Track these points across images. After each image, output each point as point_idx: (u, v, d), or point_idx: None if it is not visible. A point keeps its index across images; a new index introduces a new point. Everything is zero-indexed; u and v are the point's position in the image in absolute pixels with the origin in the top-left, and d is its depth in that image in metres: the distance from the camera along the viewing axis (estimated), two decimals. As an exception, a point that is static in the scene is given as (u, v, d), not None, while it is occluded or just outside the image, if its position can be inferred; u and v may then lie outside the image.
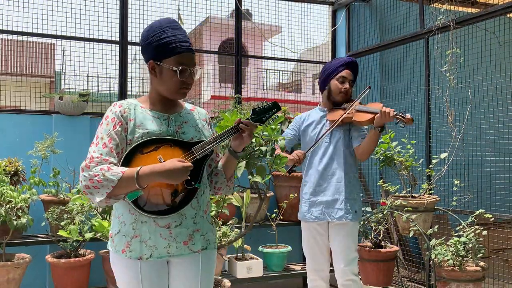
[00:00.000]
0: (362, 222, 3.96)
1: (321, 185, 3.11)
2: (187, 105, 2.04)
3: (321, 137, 3.09)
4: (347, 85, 3.12)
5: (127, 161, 1.77)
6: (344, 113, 3.04)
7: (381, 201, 4.02)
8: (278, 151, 2.89)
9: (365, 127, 3.16)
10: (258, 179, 3.16)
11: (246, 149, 2.85)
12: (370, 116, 2.95)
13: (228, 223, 3.93)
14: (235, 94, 4.83)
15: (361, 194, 4.67)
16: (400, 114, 2.83)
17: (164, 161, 1.75)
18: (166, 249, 1.83)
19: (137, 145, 1.79)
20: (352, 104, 3.07)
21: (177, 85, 1.85)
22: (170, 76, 1.83)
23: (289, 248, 4.35)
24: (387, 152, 3.83)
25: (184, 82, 1.85)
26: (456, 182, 3.68)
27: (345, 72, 3.13)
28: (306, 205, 3.16)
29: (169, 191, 1.80)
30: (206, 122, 2.04)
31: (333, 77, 3.13)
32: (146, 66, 1.91)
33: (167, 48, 1.82)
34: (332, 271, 3.21)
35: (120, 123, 1.81)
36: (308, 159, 3.21)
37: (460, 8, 4.55)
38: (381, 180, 4.24)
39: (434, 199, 3.73)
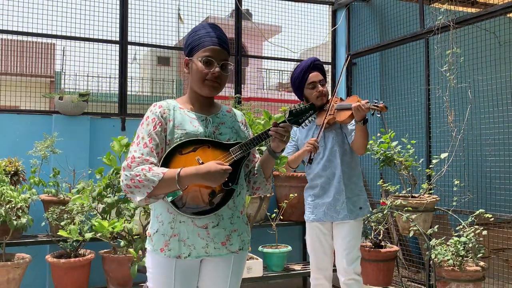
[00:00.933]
0: (362, 222, 3.96)
1: (322, 187, 3.13)
2: (224, 107, 2.06)
3: (319, 132, 3.07)
4: (319, 88, 3.09)
5: (166, 162, 1.80)
6: (325, 117, 3.02)
7: (381, 201, 4.02)
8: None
9: (353, 122, 3.15)
10: (258, 179, 3.16)
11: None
12: (349, 112, 2.95)
13: (228, 223, 3.93)
14: (235, 94, 4.83)
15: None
16: (373, 104, 2.83)
17: (202, 162, 1.79)
18: (204, 249, 1.86)
19: (176, 146, 1.82)
20: (330, 105, 3.05)
21: (203, 76, 1.88)
22: (197, 68, 1.89)
23: (289, 248, 4.34)
24: (387, 152, 3.83)
25: (209, 74, 1.88)
26: (456, 182, 3.68)
27: (312, 77, 3.08)
28: (310, 207, 3.18)
29: (207, 192, 1.83)
30: (242, 123, 2.07)
31: (303, 86, 3.10)
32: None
33: (197, 43, 1.90)
34: (335, 270, 3.21)
35: (160, 124, 1.85)
36: (307, 165, 3.22)
37: (460, 8, 4.55)
38: (381, 180, 4.24)
39: (434, 199, 3.73)
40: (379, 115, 2.89)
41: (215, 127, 1.93)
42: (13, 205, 3.36)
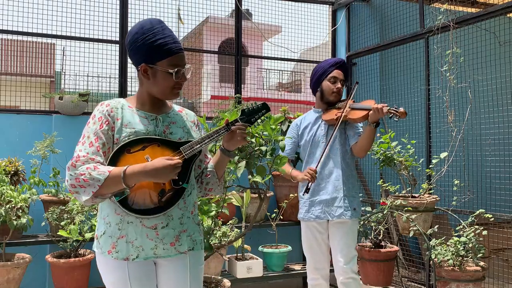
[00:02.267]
0: (362, 222, 3.96)
1: (319, 184, 3.13)
2: (175, 106, 2.03)
3: (326, 146, 3.09)
4: (339, 85, 3.16)
5: (114, 161, 1.76)
6: (342, 112, 3.06)
7: (381, 201, 4.02)
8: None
9: (360, 124, 3.18)
10: (258, 179, 3.16)
11: (246, 149, 2.85)
12: (364, 113, 2.98)
13: (228, 223, 3.93)
14: (235, 94, 4.83)
15: (360, 194, 4.69)
16: (393, 109, 2.86)
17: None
18: (153, 250, 1.82)
19: (124, 144, 1.78)
20: (346, 103, 3.10)
21: (171, 87, 1.85)
22: (164, 78, 1.83)
23: (289, 248, 4.35)
24: (387, 152, 3.83)
25: (178, 83, 1.86)
26: (456, 182, 3.68)
27: (336, 72, 3.16)
28: (306, 205, 3.18)
29: (156, 191, 1.79)
30: (194, 123, 2.04)
31: (324, 78, 3.16)
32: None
33: (161, 51, 1.80)
34: (332, 270, 3.22)
35: (107, 122, 1.81)
36: (305, 160, 3.22)
37: (460, 8, 4.55)
38: (381, 180, 4.24)
39: (434, 199, 3.73)
40: (396, 120, 2.89)
41: (166, 126, 1.90)
42: (13, 205, 3.36)
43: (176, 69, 1.82)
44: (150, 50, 1.80)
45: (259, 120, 2.00)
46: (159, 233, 1.82)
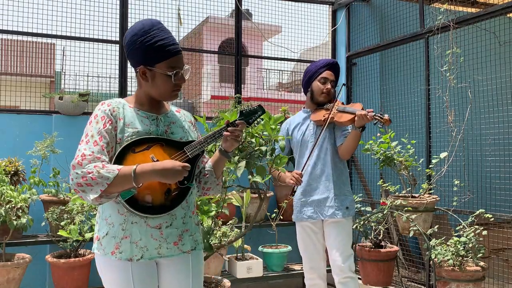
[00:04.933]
0: (362, 222, 3.96)
1: (310, 184, 3.15)
2: (172, 107, 2.04)
3: (314, 146, 3.10)
4: (328, 86, 3.16)
5: (119, 160, 1.75)
6: (328, 114, 3.06)
7: (381, 201, 4.02)
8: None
9: (348, 126, 3.18)
10: (258, 179, 3.16)
11: (246, 149, 2.85)
12: (350, 116, 2.99)
13: (228, 223, 3.93)
14: (235, 94, 4.83)
15: (360, 194, 4.69)
16: (378, 115, 2.86)
17: (157, 160, 1.75)
18: (157, 250, 1.82)
19: (129, 144, 1.78)
20: (334, 104, 3.10)
21: (171, 89, 1.86)
22: (163, 80, 1.83)
23: (289, 248, 4.34)
24: (387, 152, 3.83)
25: (176, 85, 1.86)
26: (456, 182, 3.68)
27: (326, 73, 3.16)
28: (298, 206, 3.20)
29: (162, 190, 1.79)
30: (192, 124, 2.05)
31: (315, 78, 3.17)
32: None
33: (159, 53, 1.80)
34: (329, 270, 3.22)
35: (110, 122, 1.80)
36: (296, 161, 3.24)
37: (460, 8, 4.55)
38: (381, 180, 4.24)
39: (434, 199, 3.73)
40: (380, 127, 2.91)
41: (167, 126, 1.91)
42: (13, 205, 3.36)
43: (174, 71, 1.82)
44: (148, 53, 1.79)
45: (257, 121, 2.04)
46: (163, 233, 1.83)
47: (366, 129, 3.05)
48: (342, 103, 3.17)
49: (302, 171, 3.08)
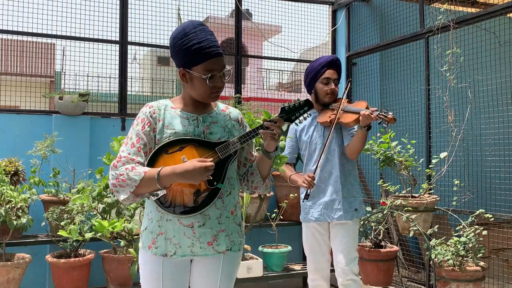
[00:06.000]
0: (362, 222, 3.96)
1: (319, 186, 3.10)
2: (220, 105, 2.05)
3: (324, 148, 3.06)
4: (332, 85, 3.07)
5: (152, 161, 1.81)
6: (335, 115, 3.01)
7: (381, 201, 4.02)
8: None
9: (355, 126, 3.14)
10: (258, 179, 3.15)
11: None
12: (355, 116, 2.93)
13: (228, 223, 3.93)
14: (235, 94, 4.83)
15: (362, 193, 4.69)
16: (382, 114, 2.79)
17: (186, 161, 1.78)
18: (190, 248, 1.86)
19: (163, 145, 1.83)
20: (339, 105, 3.04)
21: (208, 91, 1.87)
22: (200, 83, 1.85)
23: (289, 248, 4.34)
24: (387, 152, 3.83)
25: (214, 87, 1.87)
26: (456, 182, 3.68)
27: (328, 73, 3.07)
28: (306, 207, 3.17)
29: (191, 191, 1.82)
30: (238, 122, 2.04)
31: (317, 79, 3.09)
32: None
33: (195, 56, 1.82)
34: (332, 270, 3.21)
35: (149, 123, 1.86)
36: (305, 163, 3.21)
37: (460, 8, 4.55)
38: (381, 180, 4.24)
39: (434, 199, 3.73)
40: (385, 125, 2.84)
41: (206, 126, 1.92)
42: (13, 205, 3.36)
43: (209, 75, 1.83)
44: (186, 55, 1.83)
45: (303, 117, 1.95)
46: (195, 232, 1.85)
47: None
48: (349, 101, 3.09)
49: (314, 173, 3.02)
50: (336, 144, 3.09)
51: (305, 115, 1.94)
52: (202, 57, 1.82)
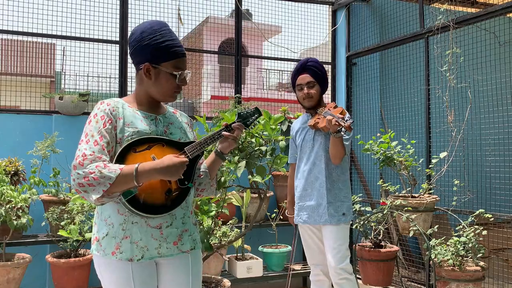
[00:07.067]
0: (362, 222, 3.96)
1: (306, 190, 3.13)
2: (169, 108, 2.05)
3: (312, 152, 3.10)
4: (305, 90, 3.10)
5: (120, 160, 1.74)
6: (314, 120, 3.03)
7: (381, 201, 4.03)
8: None
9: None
10: (258, 179, 3.17)
11: (246, 149, 2.86)
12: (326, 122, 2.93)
13: (228, 223, 3.94)
14: (235, 94, 4.83)
15: (360, 194, 4.69)
16: (340, 121, 2.73)
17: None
18: (157, 250, 1.83)
19: (130, 143, 1.78)
20: (323, 110, 3.05)
21: (173, 89, 1.87)
22: (167, 79, 1.85)
23: (289, 248, 4.35)
24: (387, 152, 3.83)
25: (179, 86, 1.88)
26: (456, 182, 3.68)
27: (299, 79, 3.13)
28: (296, 209, 3.21)
29: (163, 190, 1.80)
30: (188, 125, 2.07)
31: (295, 88, 3.18)
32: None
33: (167, 52, 1.82)
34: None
35: (110, 121, 1.80)
36: (296, 165, 3.23)
37: (460, 8, 4.56)
38: (381, 180, 4.24)
39: (434, 199, 3.73)
40: (343, 133, 2.82)
41: (166, 127, 1.92)
42: (13, 205, 3.36)
43: (180, 72, 1.85)
44: (157, 50, 1.82)
45: (254, 123, 2.08)
46: (163, 232, 1.83)
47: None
48: (335, 106, 3.06)
49: (299, 173, 3.08)
50: (323, 149, 3.09)
51: (256, 122, 2.07)
52: (173, 54, 1.83)
